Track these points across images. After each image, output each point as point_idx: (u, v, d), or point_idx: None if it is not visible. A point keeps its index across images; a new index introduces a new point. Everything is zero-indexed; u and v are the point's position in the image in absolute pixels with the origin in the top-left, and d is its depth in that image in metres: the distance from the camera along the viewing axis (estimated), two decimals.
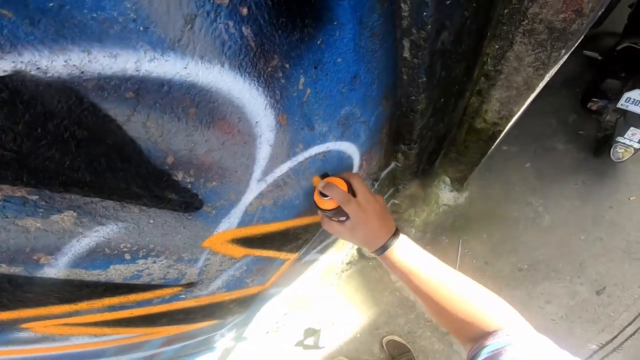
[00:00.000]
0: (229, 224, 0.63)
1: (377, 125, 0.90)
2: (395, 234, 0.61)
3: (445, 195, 2.25)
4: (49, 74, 0.26)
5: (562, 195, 2.17)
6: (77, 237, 0.40)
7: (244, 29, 0.38)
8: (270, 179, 0.62)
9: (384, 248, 0.59)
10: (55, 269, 0.43)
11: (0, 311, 0.45)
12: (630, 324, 1.83)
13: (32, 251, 0.38)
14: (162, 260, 0.56)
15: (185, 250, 0.58)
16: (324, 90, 0.58)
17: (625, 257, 1.96)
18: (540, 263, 2.03)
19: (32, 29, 0.24)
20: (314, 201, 0.66)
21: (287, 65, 0.47)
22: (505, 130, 1.45)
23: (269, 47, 0.42)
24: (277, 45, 0.44)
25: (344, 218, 0.63)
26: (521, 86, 1.13)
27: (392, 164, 1.32)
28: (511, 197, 2.23)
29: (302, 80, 0.51)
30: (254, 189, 0.60)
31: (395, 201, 1.88)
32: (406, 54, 0.73)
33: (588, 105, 2.17)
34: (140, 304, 0.65)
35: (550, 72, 1.03)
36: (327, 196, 0.62)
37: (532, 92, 1.11)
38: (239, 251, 0.75)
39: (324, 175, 0.72)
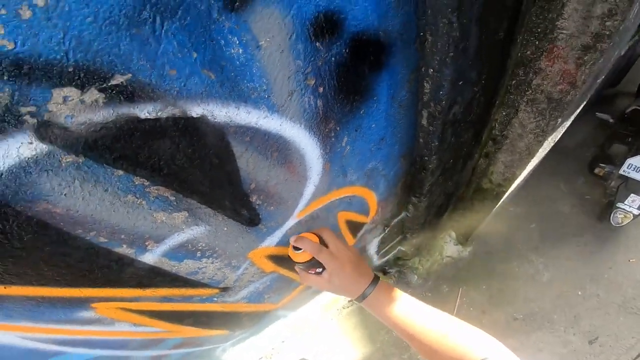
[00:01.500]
0: (270, 242, 0.80)
1: (395, 178, 1.08)
2: (374, 280, 0.63)
3: (450, 248, 2.38)
4: (216, 120, 0.45)
5: (563, 255, 2.28)
6: (178, 232, 0.57)
7: (318, 101, 0.58)
8: (308, 211, 0.79)
9: (364, 295, 0.62)
10: (152, 255, 0.59)
11: (90, 287, 0.60)
12: None
13: (148, 238, 0.55)
14: (217, 262, 0.72)
15: (235, 257, 0.75)
16: (358, 148, 0.77)
17: (620, 311, 2.05)
18: (535, 314, 2.11)
19: (219, 88, 0.43)
20: (289, 256, 0.69)
21: (338, 128, 0.66)
22: (508, 192, 1.61)
23: (329, 114, 0.62)
24: (335, 113, 0.63)
25: (320, 270, 0.66)
26: (523, 151, 1.32)
27: (403, 214, 1.48)
28: (513, 255, 2.34)
29: (345, 139, 0.71)
30: (295, 217, 0.77)
31: (401, 248, 2.02)
32: (424, 122, 0.93)
33: (595, 171, 2.31)
34: (184, 299, 0.80)
35: (549, 139, 1.21)
36: (299, 249, 0.66)
37: (532, 158, 1.30)
38: (270, 266, 0.91)
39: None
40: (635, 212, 1.96)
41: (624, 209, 1.98)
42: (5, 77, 0.29)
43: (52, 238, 0.44)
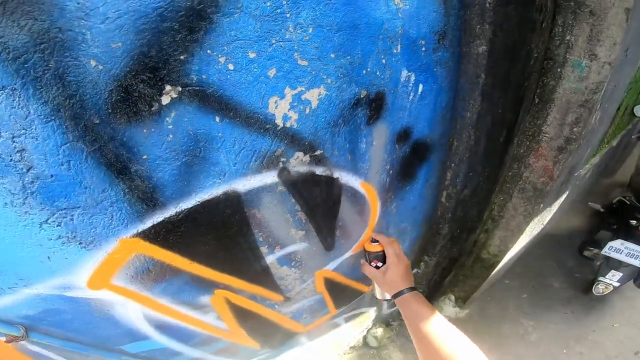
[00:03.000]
0: (331, 266, 1.15)
1: (415, 239, 1.49)
2: (413, 288, 0.83)
3: (449, 309, 2.68)
4: (341, 181, 0.86)
5: (551, 320, 2.60)
6: (294, 244, 0.94)
7: (388, 178, 1.00)
8: (356, 249, 1.17)
9: (402, 293, 0.81)
10: (273, 257, 0.96)
11: (228, 274, 0.94)
12: None
13: (279, 244, 0.92)
14: (297, 273, 1.08)
15: (308, 272, 1.11)
16: (400, 211, 1.19)
17: None
18: None
19: (350, 164, 0.85)
20: (363, 249, 1.01)
21: (392, 196, 1.08)
22: (502, 262, 1.97)
23: (390, 187, 1.04)
24: (394, 187, 1.06)
25: (380, 265, 0.93)
26: (515, 229, 1.72)
27: (415, 270, 1.84)
28: (505, 319, 2.65)
29: (394, 204, 1.13)
30: (350, 252, 1.14)
31: None
32: (443, 199, 1.35)
33: (584, 253, 2.75)
34: (262, 300, 1.13)
35: (535, 220, 1.61)
36: (376, 242, 0.98)
37: (521, 234, 1.69)
38: (321, 287, 1.25)
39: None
40: (615, 284, 2.37)
41: (605, 282, 2.40)
42: (285, 142, 0.70)
43: (236, 232, 0.81)
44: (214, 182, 0.68)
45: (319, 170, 0.82)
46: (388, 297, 0.96)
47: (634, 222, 2.50)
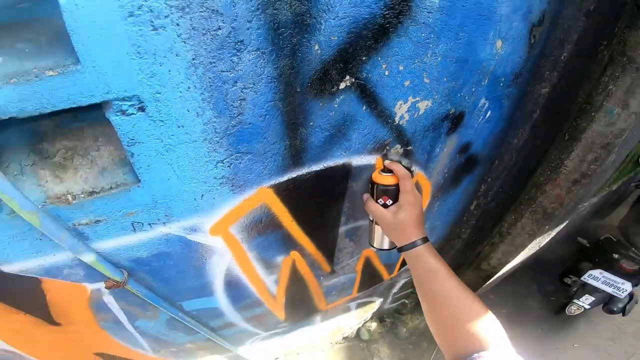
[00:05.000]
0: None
1: (438, 238, 1.69)
2: (426, 239, 0.70)
3: None
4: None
5: (522, 334, 2.87)
6: (365, 219, 1.10)
7: (443, 181, 1.17)
8: None
9: (415, 244, 0.67)
10: (344, 228, 1.13)
11: (308, 237, 1.08)
12: None
13: (354, 218, 1.08)
14: (352, 247, 1.26)
15: (360, 249, 1.29)
16: (439, 210, 1.38)
17: None
18: None
19: (424, 162, 1.01)
20: (371, 180, 0.82)
21: (439, 196, 1.28)
22: (497, 275, 2.18)
23: (441, 189, 1.22)
24: (443, 189, 1.23)
25: (390, 203, 0.74)
26: (518, 245, 1.93)
27: None
28: None
29: (438, 203, 1.32)
30: None
31: (406, 301, 2.51)
32: (472, 207, 1.55)
33: (564, 279, 3.04)
34: (316, 268, 1.29)
35: (537, 239, 1.83)
36: (389, 172, 0.78)
37: (522, 251, 1.90)
38: (360, 266, 1.41)
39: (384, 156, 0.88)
40: (587, 306, 2.68)
41: (578, 304, 2.71)
42: (394, 135, 0.88)
43: (335, 198, 0.98)
44: (340, 154, 0.84)
45: (404, 162, 0.98)
46: (387, 245, 0.86)
47: (616, 255, 2.79)
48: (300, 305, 1.58)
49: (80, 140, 0.64)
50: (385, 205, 0.76)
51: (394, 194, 0.76)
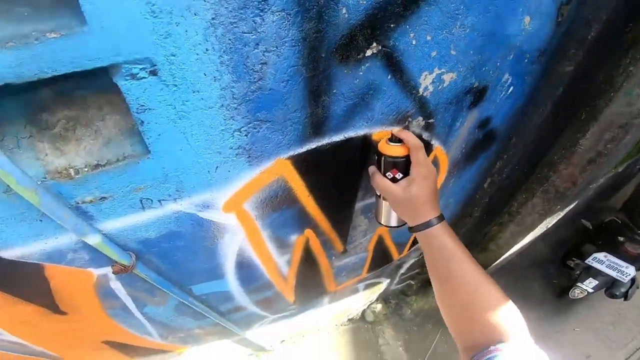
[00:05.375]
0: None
1: (449, 216, 1.63)
2: (441, 218, 0.63)
3: None
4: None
5: (525, 317, 2.84)
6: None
7: (460, 155, 1.12)
8: None
9: (430, 224, 0.61)
10: (360, 204, 1.09)
11: (323, 214, 1.04)
12: None
13: (371, 194, 1.03)
14: (366, 225, 1.22)
15: (373, 226, 1.24)
16: (453, 187, 1.33)
17: None
18: None
19: (443, 137, 0.96)
20: (377, 150, 0.71)
21: (455, 172, 1.23)
22: (503, 257, 2.17)
23: (456, 163, 1.18)
24: (460, 164, 1.18)
25: (400, 176, 0.65)
26: (527, 225, 1.91)
27: None
28: None
29: (453, 179, 1.28)
30: None
31: (411, 282, 2.50)
32: (485, 185, 1.51)
33: (567, 262, 3.02)
34: (328, 247, 1.25)
35: (547, 220, 1.80)
36: (398, 142, 0.67)
37: (531, 232, 1.88)
38: (372, 246, 1.38)
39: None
40: (590, 290, 2.66)
41: (581, 287, 2.68)
42: (417, 106, 0.82)
43: (352, 171, 0.93)
44: (362, 124, 0.78)
45: (425, 135, 0.93)
46: (395, 222, 0.77)
47: (621, 238, 2.74)
48: (310, 287, 1.55)
49: (83, 110, 0.58)
50: (394, 180, 0.68)
51: (404, 166, 0.67)
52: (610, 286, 2.66)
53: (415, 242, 1.67)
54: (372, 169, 0.74)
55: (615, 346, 2.74)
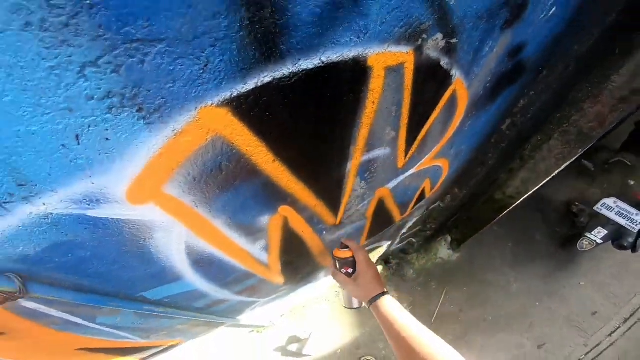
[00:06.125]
0: (392, 184, 1.02)
1: (459, 166, 1.36)
2: (385, 292, 0.77)
3: (443, 251, 2.73)
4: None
5: (530, 273, 2.76)
6: (382, 147, 0.78)
7: (483, 91, 0.80)
8: (423, 166, 1.02)
9: (375, 299, 0.76)
10: (354, 163, 0.77)
11: (302, 183, 0.71)
12: None
13: (369, 147, 0.73)
14: (364, 189, 0.93)
15: (372, 189, 0.96)
16: (469, 132, 1.03)
17: (565, 323, 2.56)
18: (501, 317, 2.55)
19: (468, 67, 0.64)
20: (332, 256, 0.89)
21: (473, 112, 0.91)
22: (513, 205, 1.93)
23: (477, 102, 0.85)
24: (479, 103, 0.86)
25: (350, 271, 0.85)
26: (542, 171, 1.64)
27: (437, 203, 1.74)
28: (491, 266, 2.75)
29: (470, 121, 0.97)
30: (414, 169, 0.99)
31: (412, 240, 2.28)
32: (504, 127, 1.20)
33: (570, 207, 2.78)
34: (319, 222, 0.97)
35: (565, 164, 1.54)
36: (345, 247, 0.87)
37: (547, 178, 1.62)
38: (370, 212, 1.12)
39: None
40: (599, 241, 2.44)
41: (590, 238, 2.46)
42: (435, 17, 0.51)
43: (341, 119, 0.61)
44: (350, 40, 0.45)
45: (444, 62, 0.61)
46: (356, 305, 0.92)
47: (632, 182, 2.43)
48: (301, 267, 1.30)
49: None
50: (348, 274, 0.86)
51: (352, 263, 0.86)
52: (619, 236, 2.42)
53: (420, 199, 1.40)
54: (331, 268, 0.91)
55: (620, 302, 2.66)
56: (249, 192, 0.66)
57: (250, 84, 0.42)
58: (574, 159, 1.60)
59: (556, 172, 1.63)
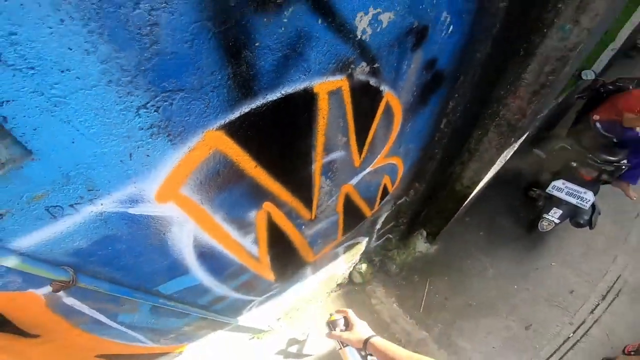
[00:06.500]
0: (354, 180, 1.25)
1: (414, 161, 1.62)
2: (373, 335, 0.92)
3: (421, 244, 2.94)
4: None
5: (503, 256, 2.98)
6: (338, 150, 0.99)
7: (412, 100, 1.06)
8: (377, 165, 1.25)
9: (367, 340, 0.90)
10: (317, 164, 0.99)
11: (279, 183, 0.96)
12: (552, 355, 2.51)
13: (327, 151, 0.95)
14: (330, 185, 1.16)
15: (337, 186, 1.19)
16: (411, 132, 1.29)
17: (546, 303, 2.75)
18: (484, 302, 2.73)
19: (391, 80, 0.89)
20: (328, 322, 1.02)
21: (410, 116, 1.17)
22: (471, 195, 2.20)
23: (411, 109, 1.11)
24: (413, 108, 1.13)
25: (344, 328, 1.00)
26: (487, 161, 1.92)
27: (404, 198, 1.98)
28: (467, 254, 2.98)
29: (409, 123, 1.22)
30: (372, 166, 1.22)
31: (390, 236, 2.50)
32: (442, 125, 1.47)
33: (529, 194, 3.07)
34: (297, 217, 1.17)
35: (504, 153, 1.82)
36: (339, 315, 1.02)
37: (492, 166, 1.90)
38: (340, 207, 1.34)
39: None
40: (556, 221, 2.69)
41: (547, 219, 2.71)
42: (357, 51, 0.74)
43: (301, 131, 0.84)
44: (299, 77, 0.69)
45: (373, 81, 0.86)
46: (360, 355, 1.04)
47: (574, 164, 2.76)
48: (288, 262, 1.50)
49: None
50: (343, 330, 1.01)
51: (345, 322, 1.02)
52: (574, 215, 2.69)
53: (384, 194, 1.65)
54: (328, 334, 1.03)
55: (593, 279, 2.85)
56: (239, 191, 0.87)
57: (237, 114, 0.66)
58: (511, 147, 1.89)
59: (499, 160, 1.91)
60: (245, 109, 0.66)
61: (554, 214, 2.68)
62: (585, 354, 2.53)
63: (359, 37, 0.72)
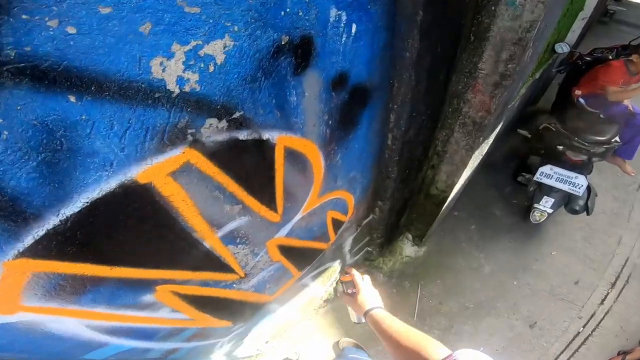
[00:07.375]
0: (282, 233, 1.04)
1: (367, 185, 1.41)
2: (379, 306, 0.89)
3: (408, 248, 2.74)
4: (273, 142, 0.71)
5: (499, 250, 2.74)
6: (235, 219, 0.80)
7: (328, 129, 0.87)
8: (309, 208, 1.06)
9: (369, 310, 0.88)
10: (211, 240, 0.81)
11: (164, 269, 0.80)
12: (562, 352, 2.28)
13: (217, 225, 0.78)
14: (246, 249, 0.96)
15: (258, 245, 0.99)
16: (346, 161, 1.08)
17: (550, 298, 2.50)
18: (482, 302, 2.52)
19: (280, 121, 0.69)
20: (340, 280, 1.01)
21: (336, 147, 0.96)
22: (450, 197, 2.00)
23: (332, 138, 0.92)
24: (336, 138, 0.93)
25: (352, 291, 0.96)
26: (459, 163, 1.71)
27: (370, 216, 1.80)
28: (459, 251, 2.76)
29: (339, 155, 1.01)
30: (301, 213, 1.03)
31: (369, 249, 2.32)
32: (389, 142, 1.27)
33: (518, 179, 2.80)
34: (215, 283, 1.01)
35: (476, 153, 1.62)
36: (347, 274, 0.99)
37: (465, 167, 1.69)
38: (277, 256, 1.15)
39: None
40: (549, 210, 2.43)
41: (539, 209, 2.45)
42: (188, 110, 0.54)
43: (155, 224, 0.66)
44: (99, 176, 0.51)
45: (243, 135, 0.67)
46: (362, 319, 0.99)
47: (560, 147, 2.46)
48: (238, 309, 1.34)
49: None
50: (352, 293, 0.96)
51: (353, 285, 0.97)
52: (567, 202, 2.42)
53: (337, 226, 1.45)
54: (340, 293, 1.02)
55: (599, 266, 2.58)
56: (109, 288, 0.70)
57: (29, 240, 0.49)
58: (481, 147, 1.68)
59: (470, 161, 1.70)
60: (37, 232, 0.49)
61: (546, 204, 2.42)
62: (598, 348, 2.29)
63: (177, 91, 0.51)
